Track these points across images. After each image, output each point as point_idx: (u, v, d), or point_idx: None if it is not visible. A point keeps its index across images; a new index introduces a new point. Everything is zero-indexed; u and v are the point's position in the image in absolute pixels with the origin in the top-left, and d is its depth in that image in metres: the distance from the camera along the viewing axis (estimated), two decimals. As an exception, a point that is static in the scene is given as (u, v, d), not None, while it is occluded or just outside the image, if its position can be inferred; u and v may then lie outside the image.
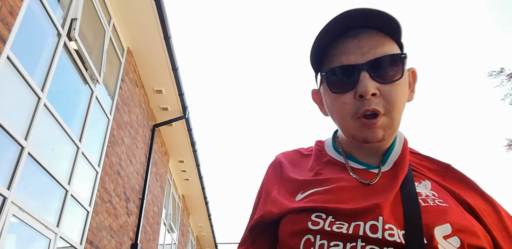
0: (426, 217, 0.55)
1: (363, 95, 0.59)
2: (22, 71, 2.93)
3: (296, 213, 0.61)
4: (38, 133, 3.24)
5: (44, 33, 3.38)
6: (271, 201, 0.67)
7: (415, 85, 0.69)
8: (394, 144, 0.67)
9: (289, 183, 0.68)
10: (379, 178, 0.62)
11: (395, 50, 0.63)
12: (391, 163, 0.65)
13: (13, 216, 2.85)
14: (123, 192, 5.30)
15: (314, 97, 0.75)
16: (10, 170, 2.86)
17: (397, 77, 0.61)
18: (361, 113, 0.61)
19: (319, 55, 0.66)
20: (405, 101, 0.64)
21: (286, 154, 0.78)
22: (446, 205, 0.57)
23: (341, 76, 0.62)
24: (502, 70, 11.68)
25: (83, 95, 4.27)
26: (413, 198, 0.58)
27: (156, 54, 5.60)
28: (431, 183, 0.63)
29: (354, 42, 0.62)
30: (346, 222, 0.56)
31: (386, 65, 0.60)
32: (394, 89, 0.61)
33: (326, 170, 0.68)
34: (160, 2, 4.78)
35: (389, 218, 0.55)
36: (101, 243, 4.52)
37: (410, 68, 0.69)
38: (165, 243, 8.31)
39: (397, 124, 0.63)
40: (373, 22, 0.62)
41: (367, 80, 0.59)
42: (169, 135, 7.50)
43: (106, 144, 4.69)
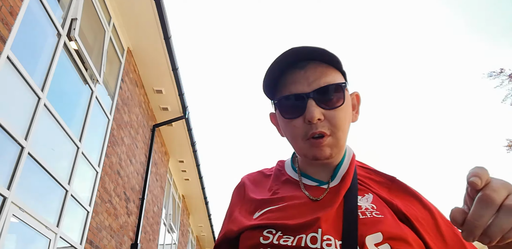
0: (361, 228, 0.61)
1: (310, 121, 0.68)
2: (22, 71, 2.93)
3: (251, 230, 0.68)
4: (38, 133, 3.24)
5: (44, 33, 3.38)
6: (232, 221, 0.75)
7: (359, 107, 0.79)
8: (343, 160, 0.75)
9: (250, 202, 0.76)
10: (326, 194, 0.70)
11: (338, 79, 0.71)
12: (339, 178, 0.73)
13: (13, 216, 2.85)
14: (123, 192, 5.30)
15: (271, 120, 0.83)
16: (10, 170, 2.86)
17: (339, 103, 0.70)
18: (310, 135, 0.69)
19: (271, 84, 0.74)
20: (349, 122, 0.73)
21: (250, 176, 0.86)
22: (381, 216, 0.64)
23: (291, 103, 0.71)
24: (502, 70, 11.68)
25: (83, 95, 4.27)
26: (353, 211, 0.65)
27: (156, 54, 5.60)
28: (373, 196, 0.70)
29: (301, 73, 0.71)
30: (291, 236, 0.63)
31: (329, 93, 0.69)
32: (338, 114, 0.69)
33: (283, 189, 0.76)
34: (160, 2, 4.78)
35: (328, 230, 0.62)
36: (101, 243, 4.52)
37: (354, 92, 0.78)
38: (165, 243, 8.31)
39: (343, 142, 0.72)
40: (317, 56, 0.71)
41: (313, 107, 0.68)
42: (169, 135, 7.50)
43: (106, 144, 4.69)
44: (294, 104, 0.70)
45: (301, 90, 0.69)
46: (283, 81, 0.72)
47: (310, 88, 0.69)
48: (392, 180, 0.75)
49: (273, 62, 0.72)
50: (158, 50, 5.51)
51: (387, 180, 0.75)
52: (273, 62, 0.72)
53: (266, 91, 0.76)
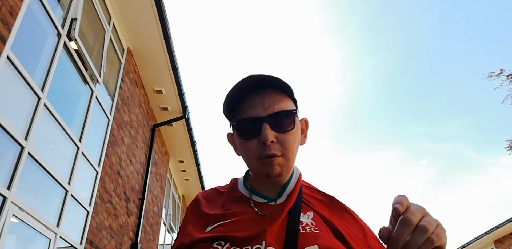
0: (301, 241, 0.68)
1: (265, 143, 0.74)
2: (22, 71, 2.93)
3: (202, 242, 0.73)
4: (38, 133, 3.24)
5: (44, 33, 3.38)
6: (185, 234, 0.79)
7: (307, 131, 0.87)
8: (290, 179, 0.82)
9: (202, 218, 0.81)
10: (272, 210, 0.77)
11: (290, 106, 0.79)
12: (285, 196, 0.80)
13: (13, 216, 2.85)
14: (123, 192, 5.30)
15: (229, 139, 0.89)
16: (10, 170, 2.86)
17: (290, 127, 0.77)
18: (263, 156, 0.75)
19: (231, 107, 0.81)
20: (298, 145, 0.81)
21: (205, 193, 0.92)
22: (319, 231, 0.71)
23: (248, 125, 0.77)
24: (502, 71, 11.67)
25: (83, 95, 4.27)
26: (295, 226, 0.72)
27: (156, 54, 5.60)
28: (313, 214, 0.77)
29: (258, 98, 0.78)
30: (239, 247, 0.69)
31: (282, 118, 0.77)
32: (288, 137, 0.76)
33: (234, 205, 0.82)
34: (160, 2, 4.78)
35: (272, 241, 0.68)
36: (101, 243, 4.52)
37: (303, 118, 0.87)
38: (165, 243, 8.31)
39: (292, 163, 0.79)
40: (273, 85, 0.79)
41: (267, 130, 0.74)
42: (169, 135, 7.50)
43: (106, 144, 4.69)
44: (251, 126, 0.77)
45: (257, 114, 0.76)
46: (242, 104, 0.79)
47: (266, 112, 0.76)
48: (332, 199, 0.84)
49: (234, 86, 0.78)
50: (158, 50, 5.51)
51: (327, 200, 0.84)
52: (234, 86, 0.78)
53: (226, 113, 0.82)
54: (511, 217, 11.81)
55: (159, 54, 5.57)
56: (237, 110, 0.80)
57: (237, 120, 0.79)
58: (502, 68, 11.70)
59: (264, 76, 0.77)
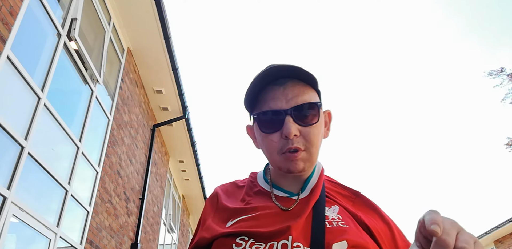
0: (328, 236, 0.66)
1: (287, 136, 0.72)
2: (22, 71, 2.93)
3: (224, 237, 0.71)
4: (38, 133, 3.24)
5: (44, 33, 3.38)
6: (205, 228, 0.77)
7: (331, 124, 0.84)
8: (313, 174, 0.80)
9: (223, 212, 0.79)
10: (296, 204, 0.75)
11: (314, 98, 0.76)
12: (308, 190, 0.78)
13: (13, 216, 2.85)
14: (123, 192, 5.30)
15: (248, 132, 0.86)
16: (10, 170, 2.86)
17: (314, 121, 0.74)
18: (286, 150, 0.73)
19: (252, 99, 0.78)
20: (322, 138, 0.78)
21: (223, 186, 0.90)
22: (346, 226, 0.69)
23: (270, 118, 0.75)
24: (502, 69, 11.67)
25: (83, 95, 4.27)
26: (321, 220, 0.70)
27: (156, 54, 5.60)
28: (339, 207, 0.75)
29: (280, 90, 0.75)
30: (263, 243, 0.67)
31: (305, 111, 0.74)
32: (312, 130, 0.74)
33: (255, 200, 0.80)
34: (160, 2, 4.78)
35: (298, 237, 0.66)
36: (101, 243, 4.52)
37: (326, 110, 0.83)
38: (165, 243, 8.31)
39: (315, 157, 0.76)
40: (296, 75, 0.76)
41: (290, 123, 0.72)
42: (169, 135, 7.50)
43: (106, 144, 4.68)
44: (273, 119, 0.74)
45: (279, 106, 0.73)
46: (263, 96, 0.76)
47: (288, 105, 0.73)
48: (356, 194, 0.81)
49: (255, 78, 0.76)
50: (158, 50, 5.51)
51: (351, 194, 0.81)
52: (255, 78, 0.76)
53: (246, 105, 0.80)
54: (511, 217, 11.81)
55: (159, 54, 5.57)
56: (259, 102, 0.77)
57: (258, 113, 0.76)
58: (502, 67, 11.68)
59: (287, 66, 0.74)
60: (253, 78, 0.76)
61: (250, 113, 0.81)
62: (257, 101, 0.78)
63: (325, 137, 0.81)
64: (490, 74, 11.81)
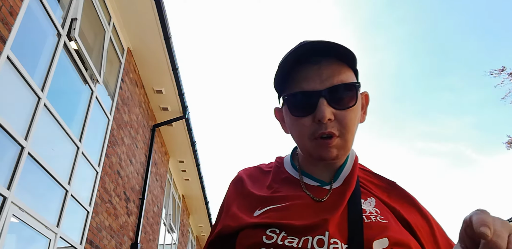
0: (367, 232, 0.60)
1: (321, 120, 0.65)
2: (22, 71, 2.93)
3: (252, 228, 0.65)
4: (38, 133, 3.24)
5: (44, 33, 3.38)
6: (230, 216, 0.72)
7: (367, 107, 0.77)
8: (346, 161, 0.74)
9: (249, 199, 0.73)
10: (329, 195, 0.68)
11: (351, 78, 0.69)
12: (341, 180, 0.71)
13: (13, 216, 2.85)
14: (123, 192, 5.30)
15: (276, 115, 0.80)
16: (10, 170, 2.86)
17: (351, 103, 0.67)
18: (318, 135, 0.66)
19: (282, 79, 0.71)
20: (358, 123, 0.71)
21: (247, 171, 0.83)
22: (386, 221, 0.63)
23: (301, 100, 0.68)
24: (504, 68, 11.66)
25: (83, 95, 4.27)
26: (358, 215, 0.64)
27: (156, 54, 5.60)
28: (375, 200, 0.69)
29: (314, 69, 0.67)
30: (297, 237, 0.61)
31: (342, 92, 0.67)
32: (348, 114, 0.67)
33: (283, 188, 0.73)
34: (160, 2, 4.78)
35: (334, 233, 0.61)
36: (101, 243, 4.52)
37: (363, 92, 0.76)
38: (165, 243, 8.31)
39: (350, 144, 0.69)
40: (332, 52, 0.68)
41: (324, 106, 0.65)
42: (169, 135, 7.50)
43: (106, 144, 4.68)
44: (305, 101, 0.67)
45: (313, 87, 0.66)
46: (295, 76, 0.69)
47: (323, 86, 0.66)
48: (392, 185, 0.74)
49: (286, 55, 0.69)
50: (158, 50, 5.50)
51: (387, 185, 0.74)
52: (286, 55, 0.69)
53: (276, 85, 0.73)
54: (511, 217, 11.81)
55: (159, 54, 5.57)
56: (289, 82, 0.70)
57: (288, 94, 0.69)
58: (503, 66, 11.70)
59: (322, 41, 0.66)
60: (284, 56, 0.69)
61: (279, 94, 0.74)
62: (288, 81, 0.70)
63: (361, 122, 0.74)
64: (491, 73, 11.80)
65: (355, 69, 0.71)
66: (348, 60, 0.69)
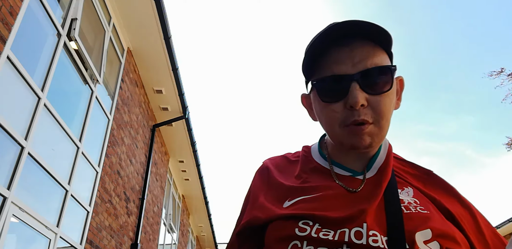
0: (408, 224, 0.57)
1: (353, 106, 0.61)
2: (22, 71, 2.93)
3: (283, 220, 0.62)
4: (38, 133, 3.24)
5: (44, 33, 3.38)
6: (258, 207, 0.68)
7: (402, 93, 0.72)
8: (380, 150, 0.70)
9: (277, 189, 0.70)
10: (364, 185, 0.64)
11: (385, 61, 0.64)
12: (375, 169, 0.67)
13: (13, 216, 2.85)
14: (123, 192, 5.30)
15: (303, 102, 0.76)
16: (10, 170, 2.86)
17: (386, 88, 0.63)
18: (351, 122, 0.62)
19: (311, 62, 0.67)
20: (393, 109, 0.67)
21: (273, 160, 0.79)
22: (427, 212, 0.60)
23: (332, 85, 0.64)
24: (503, 70, 11.67)
25: (83, 95, 4.27)
26: (396, 205, 0.60)
27: (156, 54, 5.60)
28: (413, 190, 0.65)
29: (346, 51, 0.63)
30: (332, 230, 0.58)
31: (376, 76, 0.62)
32: (383, 100, 0.63)
33: (313, 178, 0.69)
34: (160, 2, 4.78)
35: (372, 224, 0.57)
36: (101, 243, 4.52)
37: (398, 77, 0.70)
38: (165, 243, 8.31)
39: (385, 132, 0.65)
40: (366, 33, 0.63)
41: (357, 91, 0.61)
42: (169, 135, 7.50)
43: (106, 144, 4.68)
44: (335, 86, 0.63)
45: (344, 71, 0.62)
46: (325, 59, 0.64)
47: (355, 69, 0.62)
48: (429, 174, 0.70)
49: (315, 37, 0.64)
50: (158, 50, 5.51)
51: (423, 174, 0.70)
52: (315, 37, 0.64)
53: (304, 69, 0.68)
54: (511, 217, 11.81)
55: (159, 54, 5.57)
56: (319, 66, 0.65)
57: (318, 79, 0.65)
58: (503, 67, 11.71)
59: (354, 21, 0.62)
60: (313, 38, 0.65)
61: (307, 79, 0.70)
62: (317, 65, 0.66)
63: (395, 108, 0.69)
64: (490, 74, 11.81)
65: (389, 52, 0.67)
66: (382, 41, 0.64)
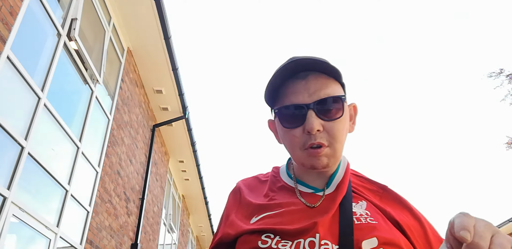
0: (357, 233, 0.64)
1: (310, 132, 0.69)
2: (22, 71, 2.93)
3: (249, 234, 0.69)
4: (38, 133, 3.24)
5: (44, 33, 3.38)
6: (229, 224, 0.75)
7: (356, 118, 0.81)
8: (338, 168, 0.78)
9: (246, 207, 0.77)
10: (322, 201, 0.72)
11: (338, 91, 0.73)
12: (334, 186, 0.75)
13: (13, 216, 2.85)
14: (123, 192, 5.30)
15: (270, 126, 0.84)
16: (10, 170, 2.86)
17: (338, 115, 0.72)
18: (308, 146, 0.71)
19: (273, 93, 0.75)
20: (346, 133, 0.75)
21: (245, 181, 0.88)
22: (376, 222, 0.67)
23: (291, 113, 0.72)
24: (502, 71, 11.67)
25: (83, 95, 4.27)
26: (349, 217, 0.67)
27: (156, 54, 5.60)
28: (366, 203, 0.73)
29: (302, 84, 0.72)
30: (290, 241, 0.65)
31: (329, 105, 0.71)
32: (336, 125, 0.71)
33: (279, 195, 0.77)
34: (160, 2, 4.78)
35: (325, 234, 0.64)
36: (101, 243, 4.52)
37: (352, 104, 0.80)
38: (165, 243, 8.31)
39: (340, 153, 0.73)
40: (318, 68, 0.72)
41: (313, 118, 0.69)
42: (169, 135, 7.50)
43: (106, 144, 4.69)
44: (294, 114, 0.72)
45: (301, 100, 0.71)
46: (284, 90, 0.74)
47: (311, 99, 0.70)
48: (384, 188, 0.78)
49: (276, 71, 0.74)
50: (158, 50, 5.51)
51: (379, 188, 0.78)
52: (276, 71, 0.74)
53: (267, 99, 0.77)
54: (511, 217, 11.81)
55: (159, 54, 5.57)
56: (280, 96, 0.75)
57: (279, 107, 0.74)
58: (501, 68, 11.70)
59: (309, 59, 0.71)
60: (274, 72, 0.74)
61: (271, 107, 0.79)
62: (278, 95, 0.75)
63: (350, 132, 0.78)
64: (489, 75, 11.80)
65: (342, 83, 0.76)
66: (334, 74, 0.73)
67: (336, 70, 0.72)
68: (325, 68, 0.72)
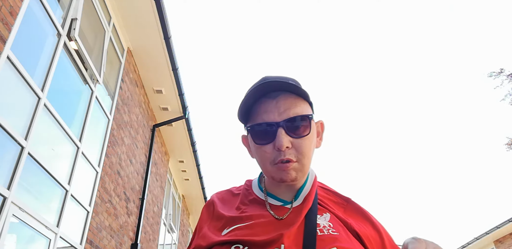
0: (319, 244, 0.69)
1: (279, 148, 0.74)
2: (22, 71, 2.93)
3: (220, 245, 0.73)
4: (38, 133, 3.24)
5: (44, 33, 3.38)
6: (201, 237, 0.79)
7: (323, 134, 0.87)
8: (306, 182, 0.82)
9: (218, 220, 0.81)
10: (289, 213, 0.77)
11: (306, 110, 0.78)
12: (301, 198, 0.80)
13: (13, 216, 2.85)
14: (123, 192, 5.30)
15: (243, 142, 0.88)
16: (10, 170, 2.86)
17: (306, 133, 0.76)
18: (278, 161, 0.75)
19: (246, 111, 0.80)
20: (314, 149, 0.80)
21: (219, 194, 0.92)
22: (337, 233, 0.71)
23: (263, 130, 0.77)
24: (502, 70, 11.66)
25: (83, 95, 4.28)
26: (313, 229, 0.72)
27: (156, 54, 5.60)
28: (330, 215, 0.78)
29: (273, 103, 0.77)
30: None
31: (297, 123, 0.76)
32: (304, 142, 0.76)
33: (250, 208, 0.82)
34: (160, 2, 4.78)
35: (290, 245, 0.69)
36: (101, 243, 4.52)
37: (319, 121, 0.86)
38: (165, 243, 8.31)
39: (307, 168, 0.78)
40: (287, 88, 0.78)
41: (282, 135, 0.74)
42: (169, 135, 7.50)
43: (106, 144, 4.68)
44: (265, 131, 0.76)
45: (272, 119, 0.76)
46: (257, 109, 0.78)
47: (281, 117, 0.75)
48: (348, 201, 0.84)
49: (248, 91, 0.79)
50: (158, 50, 5.51)
51: (343, 201, 0.84)
52: (248, 91, 0.79)
53: (240, 117, 0.82)
54: (511, 217, 11.81)
55: (159, 54, 5.57)
56: (252, 114, 0.80)
57: (252, 125, 0.79)
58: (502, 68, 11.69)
59: (279, 81, 0.76)
60: (247, 92, 0.79)
61: (244, 124, 0.84)
62: (251, 113, 0.80)
63: (317, 147, 0.84)
64: (490, 75, 11.80)
65: (309, 102, 0.81)
66: (302, 94, 0.78)
67: (303, 91, 0.77)
68: (293, 89, 0.77)
